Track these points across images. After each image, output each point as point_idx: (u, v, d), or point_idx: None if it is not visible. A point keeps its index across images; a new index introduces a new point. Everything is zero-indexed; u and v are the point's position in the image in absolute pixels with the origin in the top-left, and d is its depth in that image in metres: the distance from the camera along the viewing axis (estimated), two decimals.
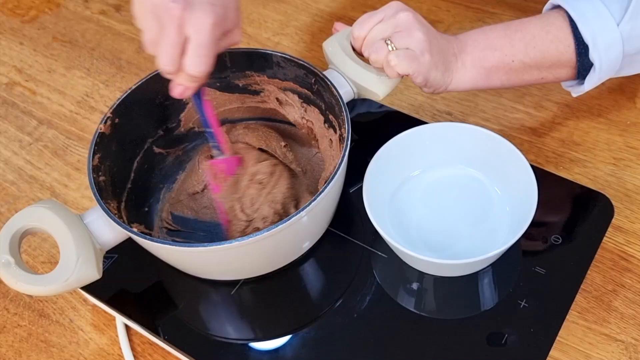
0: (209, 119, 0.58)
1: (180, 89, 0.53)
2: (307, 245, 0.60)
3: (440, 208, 0.62)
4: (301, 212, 0.51)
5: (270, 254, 0.56)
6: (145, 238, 0.51)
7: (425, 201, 0.62)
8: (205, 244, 0.50)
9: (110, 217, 0.52)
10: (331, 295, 0.58)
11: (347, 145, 0.55)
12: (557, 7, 0.61)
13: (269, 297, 0.59)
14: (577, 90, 0.64)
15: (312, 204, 0.51)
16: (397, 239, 0.54)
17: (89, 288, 0.59)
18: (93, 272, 0.52)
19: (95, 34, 0.89)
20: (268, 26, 0.87)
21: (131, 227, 0.53)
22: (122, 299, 0.60)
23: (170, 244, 0.52)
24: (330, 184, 0.53)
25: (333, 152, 0.62)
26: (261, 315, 0.59)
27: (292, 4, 0.89)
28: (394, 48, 0.58)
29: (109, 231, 0.54)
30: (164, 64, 0.50)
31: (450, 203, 0.62)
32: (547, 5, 0.63)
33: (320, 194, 0.52)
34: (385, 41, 0.58)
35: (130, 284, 0.61)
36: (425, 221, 0.61)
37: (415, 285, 0.58)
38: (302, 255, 0.60)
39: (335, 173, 0.53)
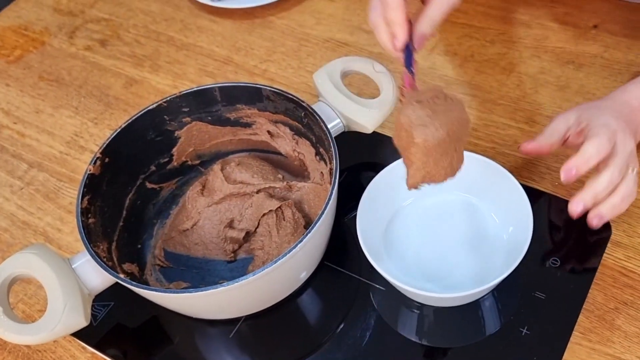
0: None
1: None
2: (304, 276, 0.60)
3: (437, 236, 0.61)
4: (291, 252, 0.51)
5: (265, 291, 0.56)
6: (131, 284, 0.51)
7: (421, 230, 0.62)
8: (191, 289, 0.51)
9: (97, 262, 0.52)
10: (330, 326, 0.58)
11: (334, 181, 0.55)
12: None
13: (268, 333, 0.59)
14: None
15: (300, 244, 0.51)
16: (394, 272, 0.54)
17: (87, 339, 0.60)
18: (80, 320, 0.52)
19: (82, 70, 0.88)
20: (255, 53, 0.87)
21: (123, 267, 0.53)
22: (120, 347, 0.60)
23: (156, 291, 0.52)
24: (320, 220, 0.53)
25: (324, 184, 0.62)
26: (262, 351, 0.59)
27: (277, 30, 0.89)
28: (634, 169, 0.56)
29: (97, 276, 0.53)
30: None
31: (446, 230, 0.61)
32: None
33: (309, 231, 0.52)
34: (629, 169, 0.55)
35: (129, 333, 0.61)
36: (421, 250, 0.60)
37: (415, 315, 0.57)
38: (299, 288, 0.60)
39: (325, 208, 0.53)
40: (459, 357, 0.55)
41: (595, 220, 0.55)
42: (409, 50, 0.55)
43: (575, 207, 0.54)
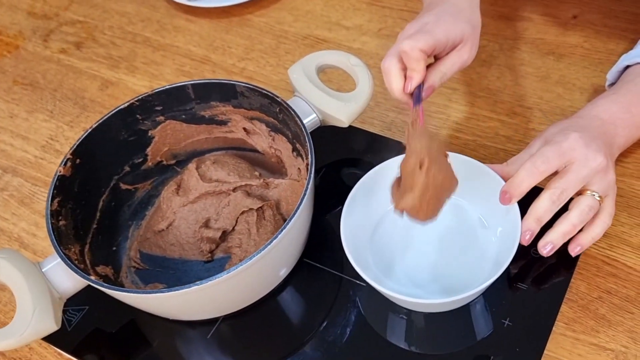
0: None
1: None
2: (283, 273, 0.59)
3: (424, 240, 0.60)
4: (267, 248, 0.50)
5: (242, 290, 0.55)
6: (102, 286, 0.49)
7: (408, 234, 0.60)
8: (163, 290, 0.49)
9: (68, 265, 0.50)
10: (312, 325, 0.57)
11: (310, 175, 0.54)
12: None
13: (247, 333, 0.58)
14: None
15: (276, 239, 0.50)
16: (380, 278, 0.53)
17: (63, 345, 0.58)
18: (50, 324, 0.50)
19: (57, 74, 0.87)
20: (232, 52, 0.85)
21: (96, 269, 0.52)
22: (97, 353, 0.58)
23: (127, 292, 0.50)
24: (296, 215, 0.51)
25: (302, 180, 0.60)
26: (243, 352, 0.57)
27: (255, 27, 0.88)
28: (599, 196, 0.54)
29: (68, 279, 0.52)
30: None
31: (434, 234, 0.60)
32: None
33: (285, 226, 0.51)
34: (591, 194, 0.54)
35: (106, 337, 0.60)
36: (409, 255, 0.59)
37: (401, 317, 0.56)
38: (279, 286, 0.59)
39: (301, 202, 0.52)
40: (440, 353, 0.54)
41: (546, 248, 0.54)
42: (418, 92, 0.57)
43: (522, 237, 0.53)
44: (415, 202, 0.51)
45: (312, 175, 0.54)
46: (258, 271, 0.53)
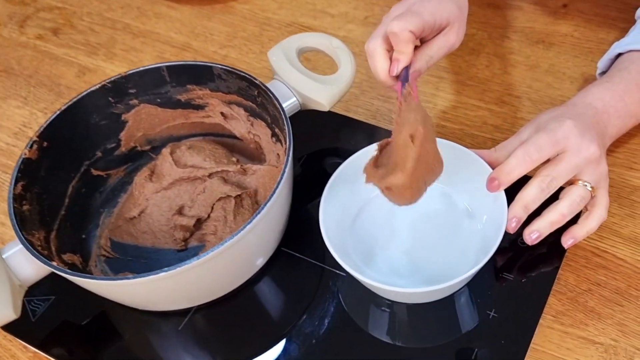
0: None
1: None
2: (260, 262, 0.56)
3: (407, 229, 0.58)
4: (240, 233, 0.47)
5: (215, 278, 0.52)
6: (65, 272, 0.47)
7: (390, 223, 0.58)
8: (129, 276, 0.46)
9: (29, 250, 0.48)
10: (291, 318, 0.55)
11: (287, 158, 0.51)
12: None
13: (222, 324, 0.55)
14: None
15: (250, 224, 0.48)
16: (361, 267, 0.51)
17: (28, 337, 0.56)
18: (9, 312, 0.48)
19: (32, 60, 0.84)
20: (214, 39, 0.83)
21: (62, 257, 0.49)
22: (65, 346, 0.56)
23: (91, 278, 0.48)
24: (272, 199, 0.49)
25: (281, 166, 0.58)
26: (216, 344, 0.55)
27: (238, 15, 0.86)
28: (591, 187, 0.52)
29: (30, 266, 0.50)
30: None
31: (417, 223, 0.57)
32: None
33: (261, 210, 0.48)
34: (583, 184, 0.52)
35: (75, 330, 0.57)
36: (391, 244, 0.57)
37: (383, 308, 0.54)
38: (255, 276, 0.56)
39: (277, 186, 0.50)
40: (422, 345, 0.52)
41: (531, 236, 0.52)
42: (405, 73, 0.55)
43: (509, 224, 0.51)
44: (406, 179, 0.47)
45: (290, 158, 0.52)
46: (232, 258, 0.50)
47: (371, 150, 0.58)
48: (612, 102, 0.57)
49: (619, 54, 0.61)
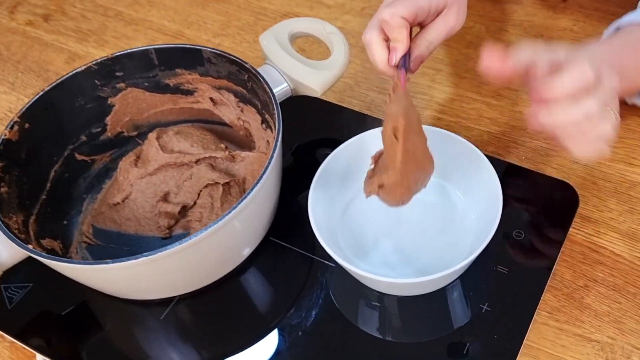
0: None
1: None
2: (246, 252, 0.55)
3: (399, 220, 0.56)
4: (224, 218, 0.45)
5: (198, 266, 0.50)
6: (42, 256, 0.45)
7: (381, 213, 0.56)
8: (107, 260, 0.44)
9: (4, 232, 0.46)
10: (279, 310, 0.53)
11: (276, 143, 0.50)
12: None
13: (205, 315, 0.54)
14: None
15: (235, 209, 0.46)
16: (350, 258, 0.49)
17: (5, 326, 0.54)
18: None
19: (22, 45, 0.83)
20: (208, 27, 0.82)
21: (42, 242, 0.47)
22: (41, 334, 0.54)
23: (67, 262, 0.46)
24: (259, 184, 0.47)
25: (270, 153, 0.56)
26: (199, 335, 0.53)
27: (233, 4, 0.84)
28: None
29: (4, 249, 0.48)
30: None
31: (409, 213, 0.55)
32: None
33: (246, 195, 0.46)
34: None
35: (54, 319, 0.55)
36: (382, 236, 0.55)
37: (373, 300, 0.52)
38: (241, 266, 0.55)
39: (265, 171, 0.48)
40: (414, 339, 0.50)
41: (539, 119, 0.45)
42: (403, 62, 0.53)
43: (528, 122, 0.45)
44: (397, 175, 0.47)
45: (279, 143, 0.50)
46: (217, 245, 0.49)
47: (364, 138, 0.56)
48: (610, 60, 0.54)
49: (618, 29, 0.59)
